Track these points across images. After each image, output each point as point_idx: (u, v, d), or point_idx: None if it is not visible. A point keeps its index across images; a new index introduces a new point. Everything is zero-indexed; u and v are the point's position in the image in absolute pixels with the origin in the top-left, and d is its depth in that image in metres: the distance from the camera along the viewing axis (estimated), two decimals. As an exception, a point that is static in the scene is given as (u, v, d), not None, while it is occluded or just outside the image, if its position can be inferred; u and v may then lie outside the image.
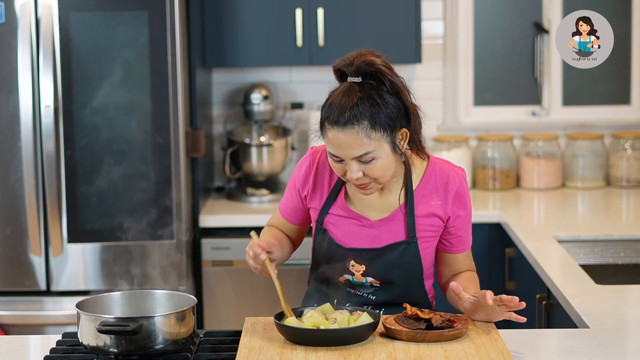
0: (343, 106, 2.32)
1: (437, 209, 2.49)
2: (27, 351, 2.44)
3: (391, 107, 2.34)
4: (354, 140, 2.31)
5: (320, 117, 2.38)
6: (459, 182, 2.51)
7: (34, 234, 3.88)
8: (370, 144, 2.32)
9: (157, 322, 2.19)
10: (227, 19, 4.30)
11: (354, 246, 2.49)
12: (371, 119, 2.31)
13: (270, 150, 4.48)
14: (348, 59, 2.38)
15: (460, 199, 2.51)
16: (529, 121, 4.76)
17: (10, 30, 3.81)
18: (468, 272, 2.59)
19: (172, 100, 3.88)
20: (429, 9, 4.65)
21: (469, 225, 2.58)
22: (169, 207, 3.90)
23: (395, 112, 2.35)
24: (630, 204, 4.33)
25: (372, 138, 2.32)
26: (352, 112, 2.30)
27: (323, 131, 2.37)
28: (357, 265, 2.50)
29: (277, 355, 2.17)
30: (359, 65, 2.35)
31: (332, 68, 2.42)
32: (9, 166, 3.88)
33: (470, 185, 4.65)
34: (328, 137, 2.35)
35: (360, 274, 2.50)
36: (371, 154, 2.33)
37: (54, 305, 3.94)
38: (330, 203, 2.52)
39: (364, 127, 2.31)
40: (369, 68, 2.34)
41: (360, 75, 2.36)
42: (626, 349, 2.36)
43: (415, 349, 2.20)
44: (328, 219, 2.52)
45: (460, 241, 2.57)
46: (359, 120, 2.31)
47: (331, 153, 2.37)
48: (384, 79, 2.34)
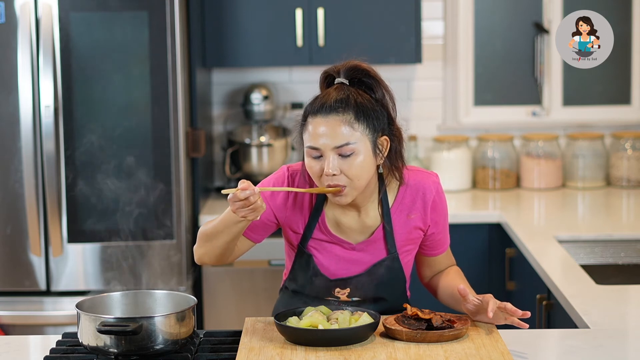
0: (329, 96, 2.32)
1: (416, 221, 2.48)
2: (27, 351, 2.44)
3: (377, 110, 2.35)
4: (337, 128, 2.29)
5: (303, 114, 2.36)
6: (434, 190, 2.48)
7: (33, 234, 3.88)
8: (353, 135, 2.30)
9: (157, 322, 2.19)
10: (227, 19, 4.30)
11: (338, 276, 2.49)
12: (356, 111, 2.31)
13: (270, 150, 4.48)
14: (338, 64, 2.40)
15: (437, 207, 2.50)
16: (529, 121, 4.76)
17: (10, 30, 3.81)
18: (455, 270, 2.60)
19: (172, 100, 3.88)
20: (429, 9, 4.65)
21: (446, 226, 2.56)
22: (169, 207, 3.90)
23: (380, 117, 2.35)
24: (631, 204, 4.33)
25: (355, 129, 2.31)
26: (339, 102, 2.31)
27: (304, 127, 2.35)
28: (342, 290, 2.50)
29: (277, 355, 2.17)
30: (348, 67, 2.37)
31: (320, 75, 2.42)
32: (9, 166, 3.88)
33: (471, 185, 4.65)
34: (310, 130, 2.32)
35: (346, 296, 2.51)
36: (352, 146, 2.30)
37: (53, 306, 3.94)
38: (313, 227, 2.48)
39: (349, 116, 2.30)
40: (356, 71, 2.36)
41: (348, 78, 2.37)
42: (626, 349, 2.36)
43: (416, 349, 2.20)
44: (311, 244, 2.49)
45: (439, 244, 2.57)
46: (344, 109, 2.31)
47: (310, 146, 2.33)
48: (373, 84, 2.36)
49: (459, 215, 4.04)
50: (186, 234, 3.98)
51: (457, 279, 2.54)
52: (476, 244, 4.09)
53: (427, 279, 2.63)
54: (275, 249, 4.05)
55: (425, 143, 4.70)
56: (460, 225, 4.00)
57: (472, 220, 4.09)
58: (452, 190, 4.53)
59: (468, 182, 4.63)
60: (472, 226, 4.08)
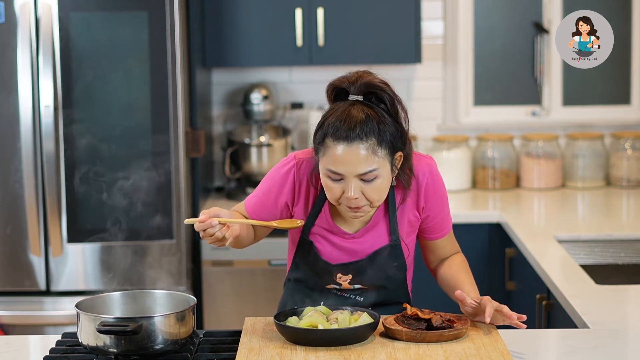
0: (351, 121, 2.29)
1: (410, 205, 2.49)
2: (27, 351, 2.44)
3: (394, 130, 2.34)
4: (362, 156, 2.29)
5: (321, 133, 2.33)
6: (428, 173, 2.48)
7: (33, 234, 3.88)
8: (376, 161, 2.30)
9: (157, 322, 2.19)
10: (227, 19, 4.30)
11: (340, 262, 2.49)
12: (378, 136, 2.30)
13: (270, 150, 4.48)
14: (349, 77, 2.36)
15: (431, 190, 2.49)
16: (529, 121, 4.76)
17: (10, 30, 3.81)
18: (458, 261, 2.59)
19: (172, 100, 3.88)
20: (429, 9, 4.64)
21: (446, 209, 2.55)
22: (169, 207, 3.90)
23: (397, 135, 2.35)
24: (630, 204, 4.33)
25: (378, 156, 2.30)
26: (362, 128, 2.28)
27: (323, 148, 2.33)
28: (344, 276, 2.50)
29: (277, 355, 2.17)
30: (362, 84, 2.34)
31: (328, 86, 2.40)
32: (9, 166, 3.88)
33: (470, 185, 4.65)
34: (331, 154, 2.31)
35: (348, 283, 2.51)
36: (375, 172, 2.31)
37: (53, 305, 3.94)
38: (316, 214, 2.49)
39: (372, 143, 2.29)
40: (371, 88, 2.34)
41: (362, 94, 2.35)
42: (626, 349, 2.36)
43: (415, 349, 2.20)
44: (314, 231, 2.50)
45: (438, 227, 2.56)
46: (367, 136, 2.29)
47: (331, 170, 2.32)
48: (385, 99, 2.34)
49: (458, 215, 4.04)
50: (186, 234, 3.98)
51: (460, 272, 2.54)
52: (476, 244, 4.09)
53: (433, 265, 2.63)
54: (275, 249, 4.05)
55: (425, 143, 4.70)
56: (460, 225, 4.00)
57: (472, 220, 4.09)
58: (452, 190, 4.53)
59: (468, 182, 4.63)
60: (472, 226, 4.08)
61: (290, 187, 2.49)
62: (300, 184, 2.49)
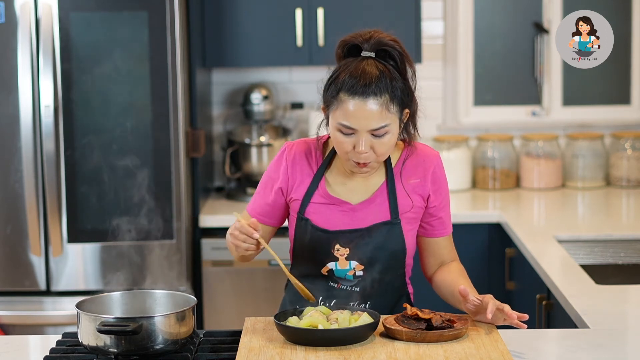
0: (366, 77, 2.33)
1: (416, 187, 2.50)
2: (27, 351, 2.44)
3: (405, 87, 2.39)
4: (376, 112, 2.33)
5: (335, 88, 2.37)
6: (435, 161, 2.53)
7: (33, 234, 3.88)
8: (389, 117, 2.35)
9: (157, 322, 2.19)
10: (227, 19, 4.30)
11: (338, 228, 2.49)
12: (391, 93, 2.35)
13: (270, 150, 4.48)
14: (362, 34, 2.40)
15: (438, 179, 2.52)
16: (529, 121, 4.76)
17: (10, 30, 3.81)
18: (457, 268, 2.58)
19: (172, 100, 3.88)
20: (429, 9, 4.65)
21: (448, 208, 2.57)
22: (169, 207, 3.90)
23: (406, 93, 2.40)
24: (630, 204, 4.33)
25: (391, 111, 2.35)
26: (377, 84, 2.33)
27: (336, 102, 2.36)
28: (342, 249, 2.49)
29: (277, 355, 2.17)
30: (374, 41, 2.38)
31: (339, 43, 2.43)
32: (9, 166, 3.88)
33: (470, 185, 4.65)
34: (345, 108, 2.34)
35: (345, 258, 2.49)
36: (386, 128, 2.35)
37: (53, 305, 3.94)
38: (312, 192, 2.51)
39: (386, 99, 2.34)
40: (383, 45, 2.38)
41: (374, 51, 2.38)
42: (626, 349, 2.36)
43: (415, 349, 2.20)
44: (310, 209, 2.51)
45: (442, 223, 2.56)
46: (382, 91, 2.33)
47: (344, 125, 2.35)
48: (395, 56, 2.38)
49: (459, 215, 4.04)
50: (186, 234, 3.98)
51: (459, 277, 2.54)
52: (476, 244, 4.09)
53: (432, 270, 2.60)
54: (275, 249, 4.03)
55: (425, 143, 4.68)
56: (460, 225, 4.00)
57: (472, 220, 4.10)
58: (452, 190, 4.52)
59: (468, 182, 4.63)
60: (472, 226, 4.08)
61: (284, 170, 2.52)
62: (293, 163, 2.52)
